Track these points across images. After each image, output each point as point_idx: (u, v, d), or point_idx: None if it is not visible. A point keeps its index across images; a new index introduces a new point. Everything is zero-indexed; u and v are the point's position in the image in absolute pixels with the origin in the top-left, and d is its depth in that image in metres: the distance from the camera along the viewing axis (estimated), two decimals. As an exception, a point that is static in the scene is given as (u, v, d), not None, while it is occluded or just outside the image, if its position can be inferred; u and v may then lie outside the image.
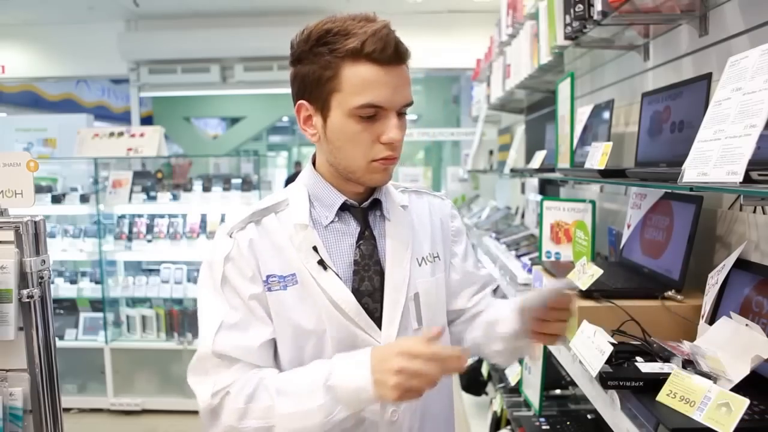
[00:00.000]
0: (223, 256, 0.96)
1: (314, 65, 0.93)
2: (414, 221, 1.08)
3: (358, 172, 0.97)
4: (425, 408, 1.03)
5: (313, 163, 1.05)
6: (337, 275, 0.98)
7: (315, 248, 0.97)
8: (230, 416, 0.90)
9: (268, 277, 0.97)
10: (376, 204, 1.05)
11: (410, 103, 0.97)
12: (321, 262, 0.97)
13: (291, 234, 0.99)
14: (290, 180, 8.56)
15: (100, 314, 3.94)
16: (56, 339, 1.32)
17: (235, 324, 0.94)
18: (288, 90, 1.01)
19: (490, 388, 3.25)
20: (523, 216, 3.57)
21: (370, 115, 0.92)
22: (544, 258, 2.00)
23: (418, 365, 0.82)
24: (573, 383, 2.20)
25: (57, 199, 3.94)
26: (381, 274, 1.00)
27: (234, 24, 5.94)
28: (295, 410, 0.88)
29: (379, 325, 0.98)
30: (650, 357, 1.05)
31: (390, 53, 0.90)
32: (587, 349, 1.10)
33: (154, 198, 3.89)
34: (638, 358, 1.04)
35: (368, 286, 0.99)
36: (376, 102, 0.91)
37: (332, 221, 1.01)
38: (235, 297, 0.96)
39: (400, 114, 0.96)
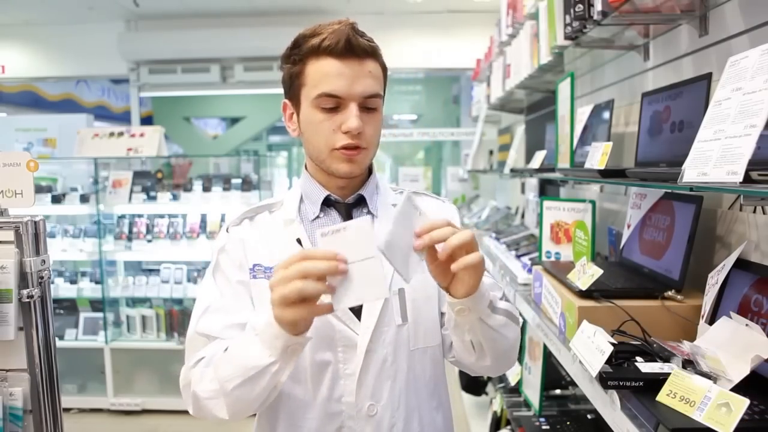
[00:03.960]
0: (218, 248, 1.07)
1: (288, 65, 1.01)
2: None
3: (326, 161, 1.01)
4: (410, 407, 1.03)
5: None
6: None
7: (299, 240, 1.03)
8: (196, 383, 0.94)
9: (254, 265, 1.04)
10: (362, 201, 1.08)
11: (374, 95, 0.98)
12: None
13: (280, 229, 1.06)
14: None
15: (100, 314, 3.95)
16: (56, 339, 1.32)
17: (219, 308, 1.01)
18: None
19: (490, 388, 3.25)
20: (523, 216, 3.58)
21: (332, 106, 0.97)
22: (544, 258, 2.00)
23: (282, 273, 0.79)
24: (573, 383, 2.20)
25: (57, 199, 3.94)
26: None
27: (234, 24, 5.92)
28: (233, 366, 0.88)
29: (359, 317, 1.00)
30: (650, 357, 1.05)
31: (344, 46, 0.95)
32: (587, 349, 1.10)
33: (154, 198, 3.90)
34: (638, 358, 1.04)
35: None
36: (332, 91, 0.96)
37: (317, 216, 1.06)
38: (225, 283, 1.04)
39: (367, 108, 0.99)
